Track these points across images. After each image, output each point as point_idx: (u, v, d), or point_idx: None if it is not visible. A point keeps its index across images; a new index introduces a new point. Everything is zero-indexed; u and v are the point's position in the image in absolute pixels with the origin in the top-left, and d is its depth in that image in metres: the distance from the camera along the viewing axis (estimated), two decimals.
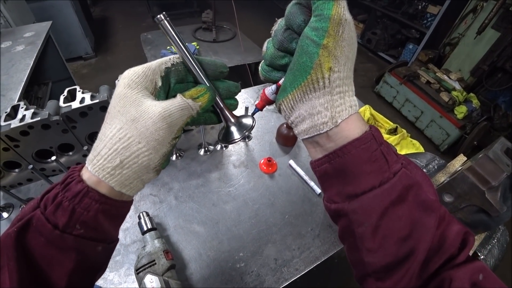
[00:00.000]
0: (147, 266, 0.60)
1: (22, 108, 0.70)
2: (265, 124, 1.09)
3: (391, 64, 2.93)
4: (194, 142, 0.97)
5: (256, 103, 0.39)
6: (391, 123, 1.02)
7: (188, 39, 2.67)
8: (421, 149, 0.92)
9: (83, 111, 0.71)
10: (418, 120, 2.61)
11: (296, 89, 0.28)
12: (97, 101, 0.72)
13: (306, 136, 0.30)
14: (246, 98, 1.23)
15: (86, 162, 0.29)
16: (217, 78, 0.35)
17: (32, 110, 0.69)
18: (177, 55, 0.33)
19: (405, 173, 0.27)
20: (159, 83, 0.31)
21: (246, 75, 2.01)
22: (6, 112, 0.70)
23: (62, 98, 0.73)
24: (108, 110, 0.30)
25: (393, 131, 0.93)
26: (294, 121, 0.30)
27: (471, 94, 2.51)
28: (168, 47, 2.40)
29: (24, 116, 0.68)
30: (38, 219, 0.26)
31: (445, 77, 2.57)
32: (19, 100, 1.16)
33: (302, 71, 0.27)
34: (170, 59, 0.32)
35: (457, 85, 2.50)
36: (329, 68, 0.26)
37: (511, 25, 2.26)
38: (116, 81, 0.32)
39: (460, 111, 2.31)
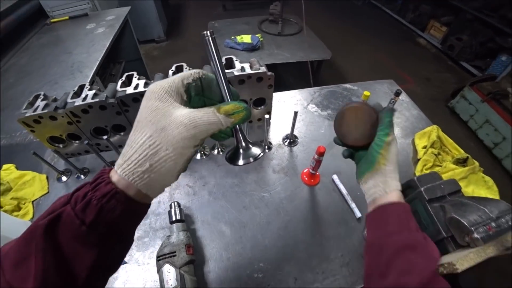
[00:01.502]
0: (167, 256, 0.61)
1: (86, 88, 0.77)
2: (314, 131, 1.03)
3: (474, 76, 2.52)
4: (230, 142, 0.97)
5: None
6: (462, 151, 0.86)
7: (253, 30, 2.67)
8: (495, 189, 0.75)
9: (136, 97, 0.75)
10: (497, 147, 2.21)
11: (367, 172, 0.49)
12: None
13: (370, 199, 0.50)
14: (299, 100, 1.17)
15: (115, 166, 0.31)
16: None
17: (94, 91, 0.75)
18: (197, 70, 0.36)
19: (418, 232, 0.43)
20: (185, 96, 0.34)
21: (307, 73, 1.94)
22: (73, 90, 0.77)
23: (119, 82, 0.78)
24: (138, 119, 0.32)
25: (462, 162, 0.78)
26: (366, 189, 0.50)
27: None
28: (232, 37, 2.44)
29: (86, 96, 0.74)
30: (68, 214, 0.29)
31: None
32: (92, 77, 1.30)
33: (370, 163, 0.48)
34: (191, 74, 0.35)
35: None
36: (383, 164, 0.47)
37: None
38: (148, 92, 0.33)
39: None
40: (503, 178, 2.10)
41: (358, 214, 0.76)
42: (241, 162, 0.39)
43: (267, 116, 0.81)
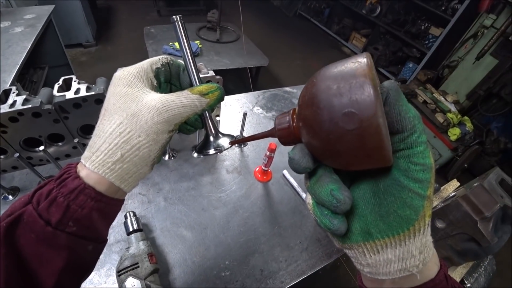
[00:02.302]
0: (129, 268, 0.58)
1: (13, 93, 0.68)
2: (262, 131, 1.08)
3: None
4: (188, 143, 0.96)
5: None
6: None
7: (192, 37, 2.65)
8: None
9: (77, 102, 0.69)
10: None
11: (390, 237, 0.24)
12: (93, 93, 0.70)
13: (387, 277, 0.25)
14: (244, 103, 1.22)
15: (82, 160, 0.29)
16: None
17: (24, 97, 0.67)
18: (165, 56, 0.36)
19: None
20: (155, 82, 0.34)
21: (247, 79, 2.01)
22: None
23: (56, 86, 0.70)
24: (105, 107, 0.30)
25: None
26: (373, 264, 0.26)
27: (466, 117, 2.55)
28: (170, 43, 2.38)
29: (15, 101, 0.65)
30: (30, 215, 0.26)
31: (442, 98, 2.61)
32: (12, 83, 1.13)
33: (403, 222, 0.24)
34: (159, 59, 0.35)
35: (452, 107, 2.54)
36: (429, 216, 0.24)
37: (510, 53, 2.31)
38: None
39: (454, 133, 2.35)
40: None
41: (306, 197, 0.83)
42: (211, 151, 0.37)
43: (218, 118, 0.83)
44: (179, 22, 0.35)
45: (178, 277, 0.65)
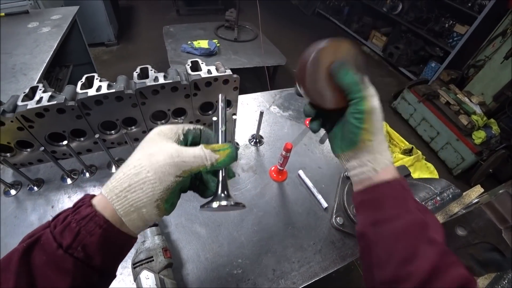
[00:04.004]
0: (144, 261, 0.59)
1: (40, 90, 0.71)
2: (278, 131, 1.08)
3: (411, 80, 2.87)
4: None
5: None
6: (407, 143, 0.99)
7: (210, 36, 2.68)
8: (435, 174, 0.89)
9: (99, 99, 0.71)
10: (433, 140, 2.54)
11: (349, 150, 0.42)
12: (113, 90, 0.72)
13: (356, 178, 0.43)
14: (261, 102, 1.21)
15: (102, 187, 0.32)
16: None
17: (50, 93, 0.70)
18: (199, 126, 0.40)
19: (417, 213, 0.37)
20: (181, 136, 0.38)
21: (264, 78, 2.00)
22: (24, 93, 0.71)
23: (79, 84, 0.73)
24: (136, 148, 0.35)
25: (408, 152, 0.90)
26: (349, 168, 0.43)
27: (492, 120, 2.42)
28: (188, 42, 2.42)
29: (41, 98, 0.68)
30: (47, 237, 0.28)
31: (466, 100, 2.50)
32: (39, 80, 1.19)
33: (352, 141, 0.40)
34: (194, 126, 0.40)
35: (478, 109, 2.43)
36: (369, 139, 0.39)
37: None
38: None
39: (478, 136, 2.24)
40: (440, 166, 2.40)
41: (324, 204, 0.82)
42: (214, 204, 0.35)
43: (234, 117, 0.83)
44: (223, 102, 0.43)
45: (191, 273, 0.66)
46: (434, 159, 2.50)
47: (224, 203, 0.36)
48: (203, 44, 2.41)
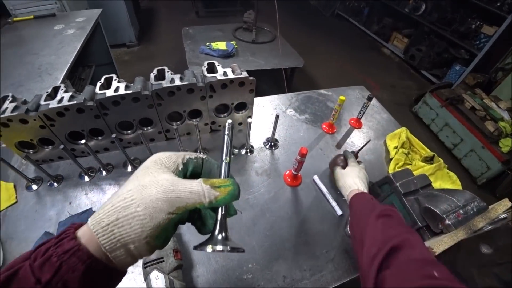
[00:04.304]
0: (155, 262, 0.60)
1: (61, 90, 0.73)
2: (294, 134, 1.06)
3: (433, 84, 2.75)
4: (219, 143, 0.97)
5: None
6: (428, 151, 0.94)
7: (228, 37, 2.69)
8: (458, 184, 0.84)
9: (116, 100, 0.73)
10: (456, 147, 2.43)
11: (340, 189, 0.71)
12: (130, 91, 0.73)
13: (345, 198, 0.69)
14: (278, 104, 1.20)
15: (90, 218, 0.29)
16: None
17: (70, 93, 0.72)
18: (202, 155, 0.38)
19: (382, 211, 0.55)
20: (181, 166, 0.35)
21: (281, 80, 1.99)
22: (47, 92, 0.73)
23: (98, 84, 0.75)
24: (131, 177, 0.33)
25: (429, 160, 0.86)
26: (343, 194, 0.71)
27: None
28: (207, 44, 2.44)
29: (62, 98, 0.71)
30: (25, 271, 0.26)
31: (493, 105, 2.36)
32: (63, 80, 1.23)
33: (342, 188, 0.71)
34: (196, 155, 0.37)
35: (506, 115, 2.29)
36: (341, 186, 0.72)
37: None
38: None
39: (506, 144, 2.11)
40: (463, 175, 2.29)
41: (339, 212, 0.79)
42: (208, 248, 0.31)
43: (249, 119, 0.83)
44: (231, 131, 0.40)
45: (201, 275, 0.66)
46: (457, 167, 2.39)
47: (219, 248, 0.31)
48: (221, 45, 2.42)
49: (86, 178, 0.84)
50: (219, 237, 0.32)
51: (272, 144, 0.99)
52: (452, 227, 0.54)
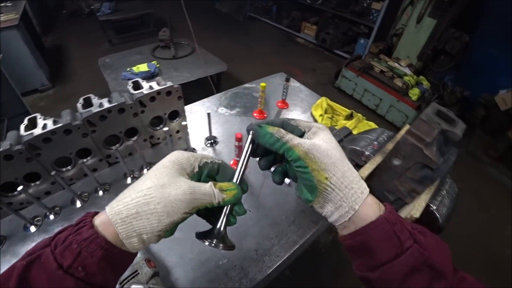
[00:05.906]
0: (130, 277, 0.61)
1: None
2: (229, 128, 1.14)
3: (346, 59, 3.12)
4: (163, 155, 0.99)
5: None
6: (347, 110, 1.11)
7: (148, 59, 2.66)
8: (375, 127, 1.02)
9: (47, 137, 0.71)
10: (378, 107, 2.80)
11: (317, 197, 0.35)
12: (61, 125, 0.72)
13: (338, 224, 0.36)
14: (209, 106, 1.27)
15: (107, 207, 0.33)
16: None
17: None
18: (219, 160, 0.41)
19: (416, 248, 0.33)
20: (196, 169, 0.39)
21: (209, 86, 2.06)
22: None
23: (22, 127, 0.72)
24: (148, 172, 0.36)
25: (349, 117, 1.02)
26: (327, 214, 0.36)
27: (421, 77, 2.74)
28: (128, 69, 2.38)
29: None
30: (47, 257, 0.29)
31: (396, 65, 2.79)
32: None
33: (312, 187, 0.35)
34: (213, 158, 0.41)
35: (407, 71, 2.72)
36: (325, 178, 0.34)
37: (444, 12, 2.52)
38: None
39: (414, 94, 2.52)
40: (390, 128, 2.63)
41: (287, 181, 0.89)
42: (206, 243, 0.39)
43: (184, 123, 0.87)
44: (251, 140, 0.40)
45: (180, 276, 0.68)
46: (384, 123, 2.76)
47: (218, 245, 0.39)
48: (143, 68, 2.40)
49: (33, 229, 0.78)
50: (220, 232, 0.40)
51: (212, 141, 1.05)
52: (371, 156, 0.67)
